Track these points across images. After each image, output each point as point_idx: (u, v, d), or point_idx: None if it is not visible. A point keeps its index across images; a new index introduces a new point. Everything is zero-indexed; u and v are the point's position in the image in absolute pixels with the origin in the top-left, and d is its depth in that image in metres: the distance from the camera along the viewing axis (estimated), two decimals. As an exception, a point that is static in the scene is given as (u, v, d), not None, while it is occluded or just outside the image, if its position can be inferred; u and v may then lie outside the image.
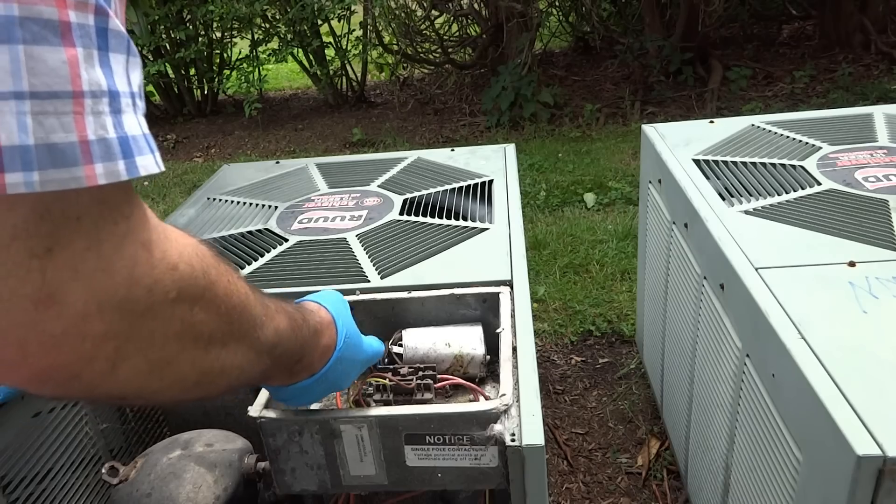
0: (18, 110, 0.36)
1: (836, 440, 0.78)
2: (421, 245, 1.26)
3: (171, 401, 0.54)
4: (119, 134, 0.41)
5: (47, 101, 0.37)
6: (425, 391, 0.96)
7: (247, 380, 0.62)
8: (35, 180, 0.37)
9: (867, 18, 4.88)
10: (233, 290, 0.56)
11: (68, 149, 0.38)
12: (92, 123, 0.39)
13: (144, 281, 0.45)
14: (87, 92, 0.39)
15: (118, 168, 0.40)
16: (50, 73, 0.37)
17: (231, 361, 0.57)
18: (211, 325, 0.53)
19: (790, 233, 1.20)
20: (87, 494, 1.09)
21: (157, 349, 0.48)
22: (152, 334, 0.47)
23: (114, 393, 0.48)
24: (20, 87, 0.36)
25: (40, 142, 0.36)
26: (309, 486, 0.91)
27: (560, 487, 1.81)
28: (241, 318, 0.57)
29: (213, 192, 1.64)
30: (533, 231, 3.12)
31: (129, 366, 0.46)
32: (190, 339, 0.51)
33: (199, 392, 0.56)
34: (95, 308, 0.43)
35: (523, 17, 4.68)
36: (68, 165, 0.38)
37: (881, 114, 1.68)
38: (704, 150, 1.61)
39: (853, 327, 0.94)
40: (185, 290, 0.49)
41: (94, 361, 0.44)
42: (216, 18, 4.98)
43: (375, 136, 4.86)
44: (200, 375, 0.54)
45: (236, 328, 0.57)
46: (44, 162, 0.37)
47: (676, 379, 1.58)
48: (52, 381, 0.44)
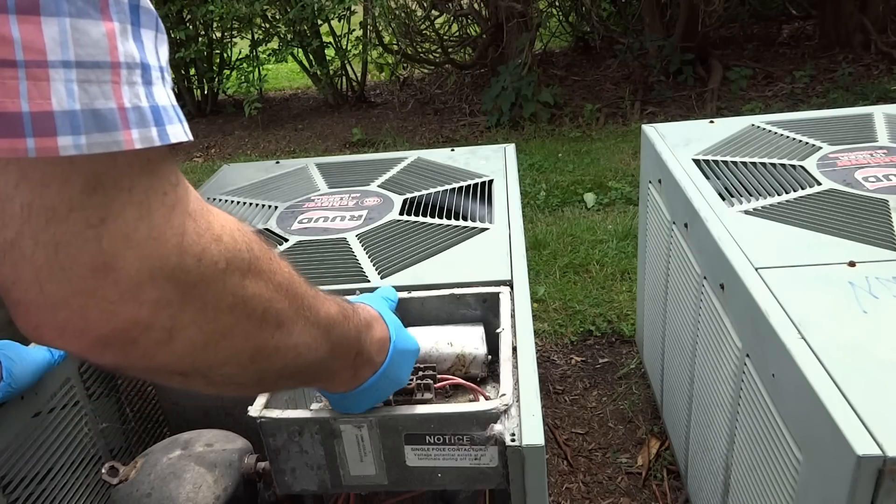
0: (66, 78, 0.38)
1: (836, 440, 0.78)
2: (421, 245, 1.26)
3: (228, 383, 0.55)
4: (151, 103, 0.43)
5: (90, 71, 0.39)
6: (425, 391, 0.96)
7: (304, 364, 0.63)
8: (83, 143, 0.39)
9: (867, 18, 4.88)
10: (276, 268, 0.57)
11: (109, 114, 0.40)
12: (127, 92, 0.41)
13: (193, 249, 0.47)
14: (122, 63, 0.41)
15: (151, 134, 0.43)
16: (93, 44, 0.39)
17: (286, 341, 0.58)
18: (262, 299, 0.54)
19: (790, 233, 1.20)
20: (87, 494, 1.09)
21: (211, 320, 0.50)
22: (205, 305, 0.49)
23: (171, 365, 0.50)
24: (68, 57, 0.38)
25: (85, 107, 0.39)
26: (309, 486, 0.91)
27: (560, 487, 1.81)
28: (291, 295, 0.58)
29: (213, 192, 1.64)
30: (533, 231, 3.12)
31: (184, 336, 0.48)
32: (243, 313, 0.52)
33: (255, 371, 0.56)
34: (148, 275, 0.45)
35: (523, 17, 4.68)
36: (110, 130, 0.40)
37: (881, 114, 1.68)
38: (704, 150, 1.61)
39: (853, 327, 0.94)
40: (233, 261, 0.51)
41: (150, 329, 0.46)
42: (216, 18, 4.98)
43: (375, 136, 4.86)
44: (255, 351, 0.55)
45: (287, 305, 0.58)
46: (89, 126, 0.39)
47: (676, 379, 1.58)
48: (113, 347, 0.46)
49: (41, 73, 0.37)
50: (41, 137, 0.38)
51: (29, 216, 0.41)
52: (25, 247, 0.41)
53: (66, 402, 1.07)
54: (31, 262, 0.42)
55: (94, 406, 1.14)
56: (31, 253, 0.41)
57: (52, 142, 0.38)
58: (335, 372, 0.71)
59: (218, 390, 0.57)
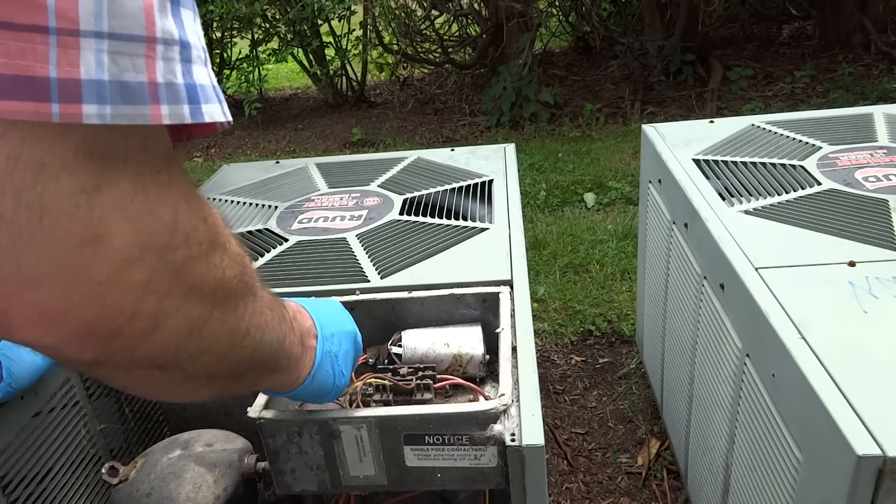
0: (97, 48, 0.38)
1: (836, 440, 0.78)
2: (421, 245, 1.26)
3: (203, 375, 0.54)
4: (187, 81, 0.43)
5: (123, 43, 0.39)
6: (425, 391, 0.96)
7: (267, 350, 0.62)
8: (108, 112, 0.38)
9: (867, 18, 4.87)
10: (240, 248, 0.57)
11: (138, 88, 0.40)
12: (161, 68, 0.41)
13: (184, 227, 0.46)
14: (159, 39, 0.41)
15: (183, 111, 0.42)
16: (128, 17, 0.39)
17: (254, 321, 0.58)
18: (236, 280, 0.53)
19: (790, 233, 1.20)
20: (87, 494, 1.09)
21: (195, 306, 0.48)
22: (191, 290, 0.48)
23: (153, 357, 0.48)
24: (101, 28, 0.38)
25: (114, 78, 0.38)
26: (309, 486, 0.91)
27: (560, 487, 1.81)
28: (251, 275, 0.58)
29: (213, 191, 1.64)
30: (533, 231, 3.12)
31: (169, 325, 0.47)
32: (222, 295, 0.52)
33: (230, 361, 0.56)
34: (139, 252, 0.43)
35: (523, 17, 4.68)
36: (137, 103, 0.40)
37: (881, 114, 1.68)
38: (704, 149, 1.60)
39: (853, 327, 0.94)
40: (214, 241, 0.50)
41: (136, 317, 0.44)
42: (216, 18, 4.98)
43: (375, 135, 4.86)
44: (231, 335, 0.54)
45: (251, 285, 0.57)
46: (116, 97, 0.39)
47: (676, 379, 1.58)
48: (94, 338, 0.43)
49: (72, 41, 0.37)
50: (66, 104, 0.37)
51: (14, 169, 0.37)
52: (4, 206, 0.37)
53: (65, 402, 1.07)
54: (10, 226, 0.37)
55: (93, 406, 1.14)
56: (11, 214, 0.37)
57: (77, 108, 0.37)
58: (288, 358, 0.69)
59: (188, 388, 0.54)
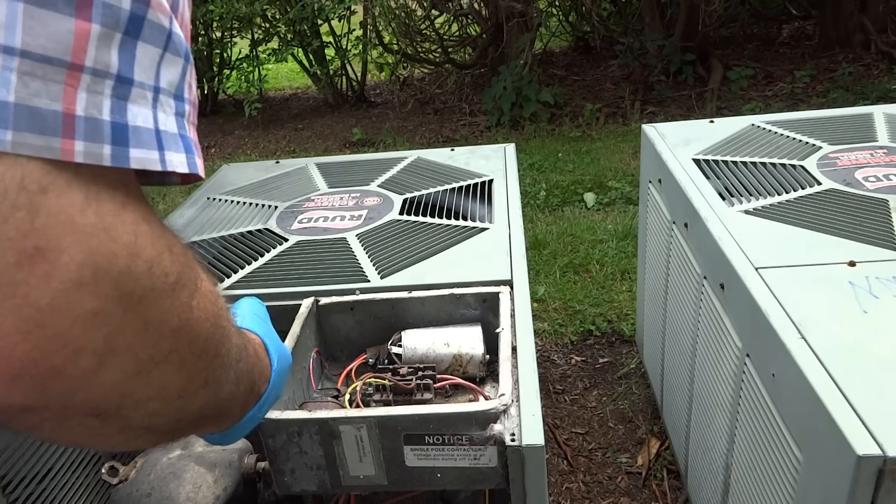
0: (4, 65, 0.34)
1: (836, 440, 0.78)
2: (421, 245, 1.26)
3: (143, 426, 0.45)
4: (115, 120, 0.38)
5: (38, 65, 0.35)
6: (425, 391, 0.96)
7: (218, 402, 0.53)
8: (7, 139, 0.34)
9: (867, 18, 4.88)
10: (216, 289, 0.50)
11: (50, 116, 0.35)
12: (83, 100, 0.37)
13: (146, 253, 0.40)
14: (88, 68, 0.37)
15: (102, 151, 0.37)
16: (50, 38, 0.35)
17: (216, 374, 0.50)
18: (207, 324, 0.47)
19: (790, 233, 1.20)
20: (87, 494, 1.09)
21: (150, 345, 0.41)
22: (147, 326, 0.40)
23: (94, 402, 0.40)
24: (11, 43, 0.34)
25: (20, 101, 0.34)
26: (308, 486, 0.91)
27: (560, 487, 1.81)
28: (226, 319, 0.51)
29: (212, 191, 1.64)
30: (533, 231, 3.12)
31: (116, 364, 0.39)
32: (186, 338, 0.44)
33: (176, 410, 0.47)
34: (91, 275, 0.36)
35: (523, 17, 4.68)
36: (47, 133, 0.35)
37: (881, 113, 1.68)
38: (704, 149, 1.60)
39: (853, 327, 0.94)
40: (184, 275, 0.43)
41: (80, 354, 0.37)
42: (216, 18, 4.98)
43: (375, 135, 4.86)
44: (186, 383, 0.46)
45: (224, 332, 0.50)
46: (20, 123, 0.34)
47: (676, 379, 1.58)
48: (28, 378, 0.36)
49: None
50: None
51: None
52: None
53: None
54: None
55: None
56: None
57: None
58: (231, 411, 0.59)
59: (124, 440, 0.46)
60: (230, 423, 0.62)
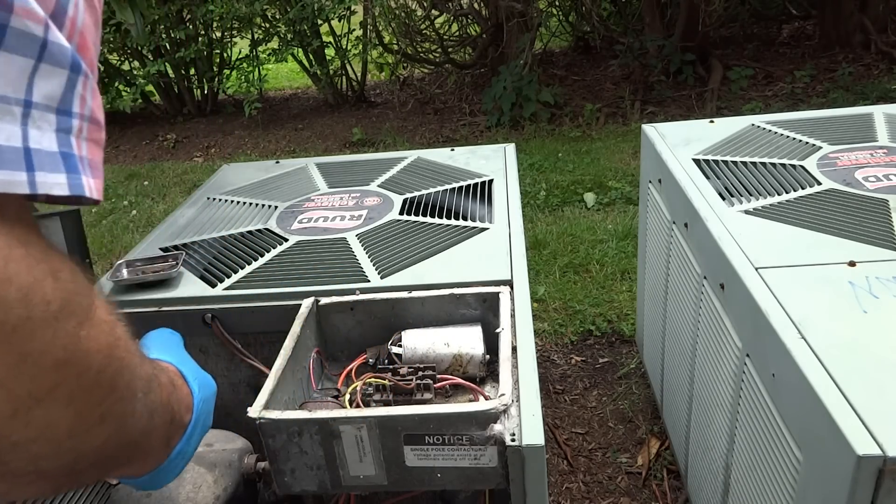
0: None
1: (836, 440, 0.78)
2: (421, 245, 1.26)
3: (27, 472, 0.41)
4: None
5: None
6: (425, 391, 0.96)
7: (125, 440, 0.49)
8: None
9: (867, 18, 4.88)
10: (114, 318, 0.46)
11: None
12: None
13: (20, 279, 0.36)
14: None
15: None
16: None
17: (115, 408, 0.45)
18: (100, 356, 0.42)
19: (790, 233, 1.20)
20: (87, 494, 1.09)
21: (29, 380, 0.37)
22: (24, 359, 0.36)
23: None
24: None
25: None
26: (309, 486, 0.91)
27: (560, 487, 1.81)
28: (126, 350, 0.46)
29: (212, 191, 1.64)
30: (533, 231, 3.12)
31: None
32: (73, 372, 0.40)
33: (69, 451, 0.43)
34: None
35: (523, 17, 4.68)
36: None
37: (881, 113, 1.68)
38: (704, 149, 1.60)
39: (853, 327, 0.94)
40: (69, 304, 0.39)
41: None
42: (216, 18, 4.98)
43: (375, 135, 4.86)
44: (77, 421, 0.42)
45: (123, 363, 0.46)
46: None
47: (676, 379, 1.58)
48: None
49: None
50: None
51: None
52: None
53: None
54: None
55: None
56: None
57: None
58: (151, 447, 0.55)
59: (8, 487, 0.42)
60: (155, 462, 0.58)
